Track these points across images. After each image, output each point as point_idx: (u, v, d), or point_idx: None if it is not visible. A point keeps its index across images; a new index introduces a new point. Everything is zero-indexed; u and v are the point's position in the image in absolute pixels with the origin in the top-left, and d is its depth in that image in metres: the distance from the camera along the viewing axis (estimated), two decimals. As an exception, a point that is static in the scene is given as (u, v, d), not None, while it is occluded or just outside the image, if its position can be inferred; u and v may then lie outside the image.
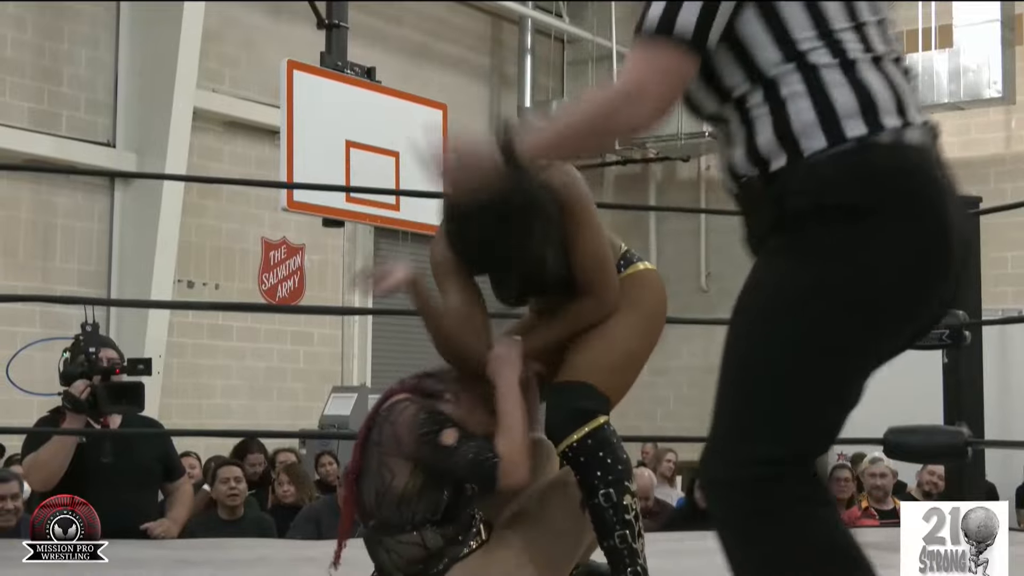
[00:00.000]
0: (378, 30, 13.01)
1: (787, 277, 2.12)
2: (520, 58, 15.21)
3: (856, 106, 2.08)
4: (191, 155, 10.90)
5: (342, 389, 11.52)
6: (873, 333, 2.09)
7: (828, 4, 2.12)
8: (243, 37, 11.92)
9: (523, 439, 3.00)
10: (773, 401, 2.07)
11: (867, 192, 2.06)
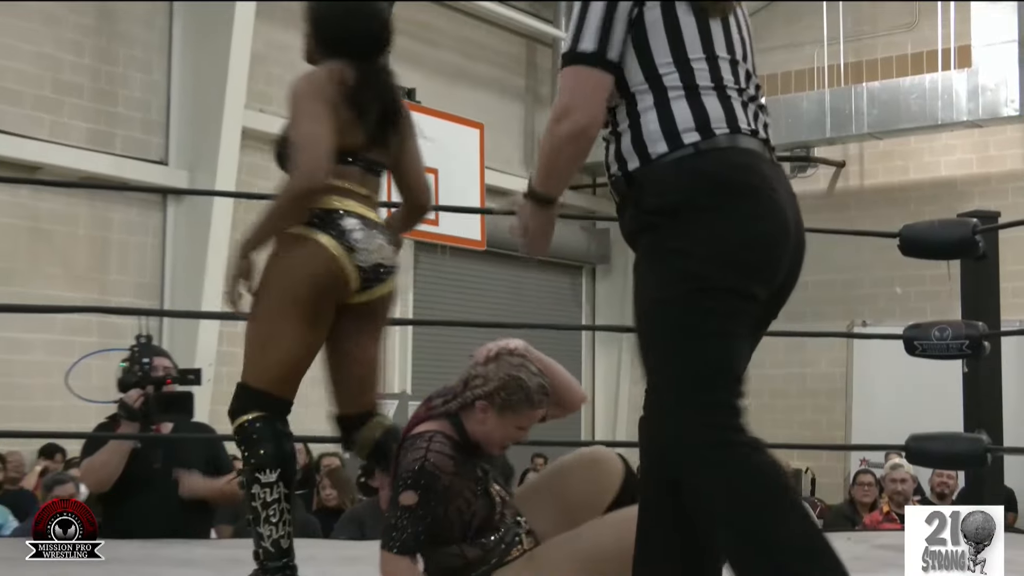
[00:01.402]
0: (417, 53, 13.05)
1: (644, 283, 2.52)
2: (553, 78, 15.21)
3: (692, 121, 2.45)
4: (240, 172, 10.95)
5: (384, 396, 11.53)
6: (711, 303, 2.40)
7: (686, 38, 2.49)
8: (289, 60, 11.93)
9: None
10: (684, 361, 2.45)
11: (692, 188, 2.42)
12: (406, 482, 3.04)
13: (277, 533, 3.14)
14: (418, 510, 3.02)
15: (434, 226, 9.56)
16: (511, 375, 3.11)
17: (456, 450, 3.10)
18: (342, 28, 3.27)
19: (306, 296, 3.09)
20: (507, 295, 14.24)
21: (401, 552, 3.02)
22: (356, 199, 3.18)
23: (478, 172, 9.72)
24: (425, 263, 13.34)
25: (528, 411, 3.13)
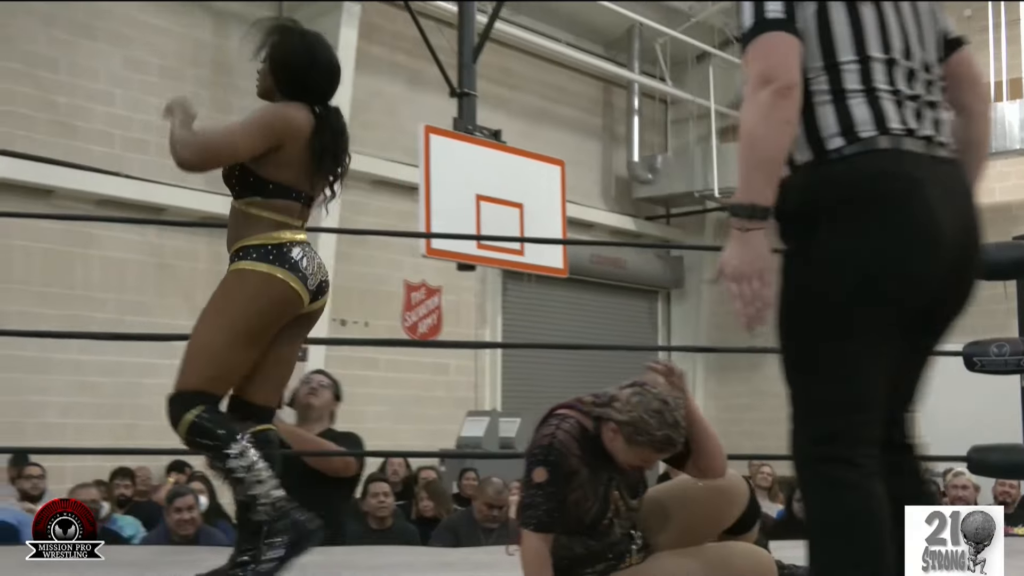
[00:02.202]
0: (503, 97, 13.12)
1: (779, 292, 2.21)
2: (628, 118, 15.21)
3: (836, 126, 2.18)
4: (342, 209, 11.04)
5: (476, 413, 11.57)
6: (831, 322, 2.15)
7: (838, 37, 2.21)
8: (385, 106, 12.11)
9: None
10: (803, 388, 2.23)
11: (830, 196, 2.16)
12: (536, 458, 3.01)
13: (270, 486, 3.15)
14: (549, 486, 2.97)
15: (520, 256, 9.56)
16: (644, 417, 2.97)
17: (585, 441, 3.03)
18: (305, 74, 3.34)
19: (255, 327, 3.18)
20: (589, 319, 14.21)
21: (538, 529, 2.96)
22: (294, 230, 3.28)
23: (560, 206, 9.70)
24: (513, 291, 13.37)
25: (651, 453, 3.03)
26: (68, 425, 9.24)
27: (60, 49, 9.77)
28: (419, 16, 10.42)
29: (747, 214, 2.13)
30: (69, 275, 9.68)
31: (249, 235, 3.24)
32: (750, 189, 2.14)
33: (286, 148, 3.25)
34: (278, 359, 3.34)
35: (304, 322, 3.36)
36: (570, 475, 3.00)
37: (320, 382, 5.03)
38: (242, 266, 3.21)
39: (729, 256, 2.16)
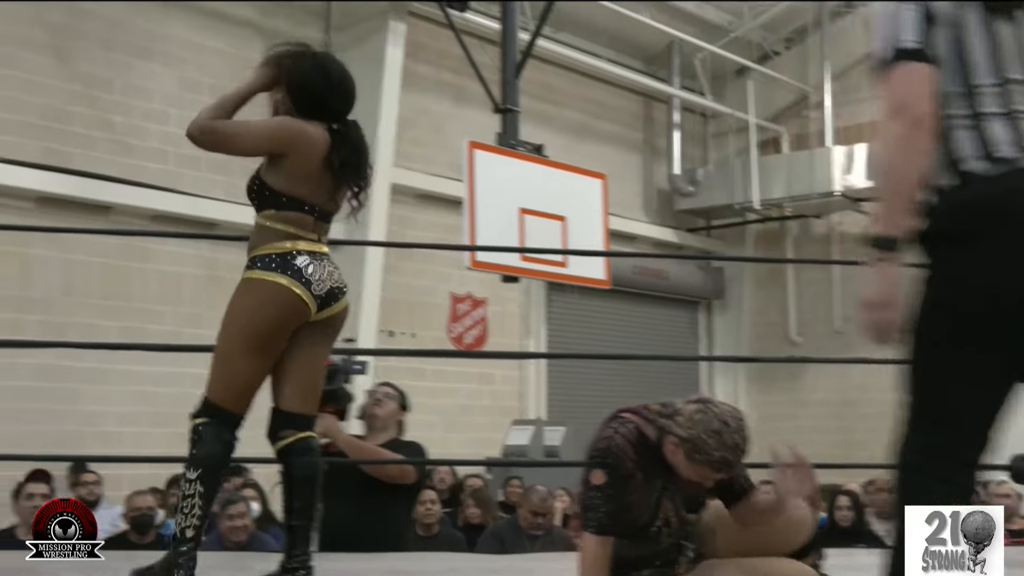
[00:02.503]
0: (545, 112, 13.13)
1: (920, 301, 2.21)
2: (669, 132, 15.17)
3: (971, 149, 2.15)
4: (390, 223, 11.13)
5: (521, 422, 11.55)
6: (947, 342, 2.13)
7: (975, 60, 2.18)
8: (431, 122, 12.15)
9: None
10: (917, 399, 2.20)
11: (973, 217, 2.12)
12: (594, 460, 2.98)
13: (185, 523, 3.25)
14: (608, 488, 2.94)
15: (563, 268, 9.55)
16: (704, 436, 2.89)
17: (643, 448, 2.98)
18: (321, 95, 3.41)
19: (263, 334, 3.25)
20: (631, 330, 14.17)
21: (598, 531, 2.93)
22: (306, 241, 3.32)
23: (602, 218, 9.68)
24: (556, 302, 13.35)
25: (708, 472, 2.95)
26: (125, 434, 9.32)
27: (117, 70, 9.89)
28: (463, 34, 10.45)
29: (884, 245, 2.15)
30: (126, 288, 9.78)
31: (260, 246, 3.31)
32: (887, 220, 2.16)
33: (294, 160, 3.33)
34: (300, 366, 3.37)
35: (323, 329, 3.37)
36: (626, 478, 2.97)
37: (385, 393, 5.05)
38: (248, 275, 3.29)
39: (868, 288, 2.18)
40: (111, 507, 7.44)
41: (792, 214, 15.24)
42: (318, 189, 3.35)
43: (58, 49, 9.54)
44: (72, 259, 9.42)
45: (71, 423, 9.11)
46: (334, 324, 3.41)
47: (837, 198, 14.23)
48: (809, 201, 14.43)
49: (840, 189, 14.14)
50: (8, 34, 9.21)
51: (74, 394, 9.22)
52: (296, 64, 3.46)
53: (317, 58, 3.50)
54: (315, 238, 3.36)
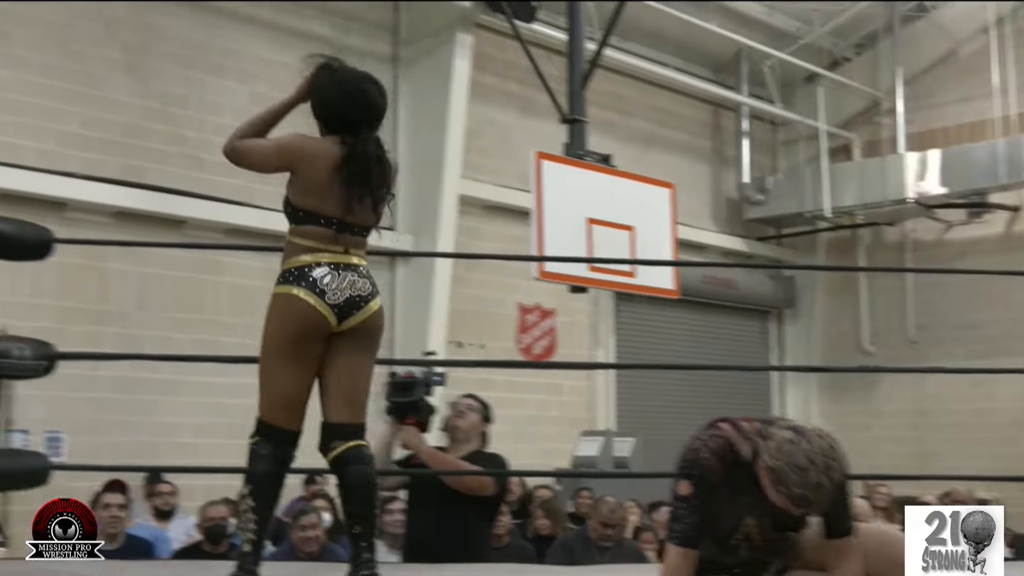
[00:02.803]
0: (612, 122, 13.09)
1: None
2: (738, 140, 15.04)
3: None
4: (458, 235, 11.16)
5: (590, 433, 11.51)
6: None
7: None
8: (498, 134, 12.18)
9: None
10: None
11: None
12: (681, 471, 2.93)
13: (243, 537, 3.41)
14: (693, 500, 2.89)
15: (632, 278, 9.50)
16: (787, 469, 2.77)
17: (734, 464, 2.90)
18: (336, 108, 3.50)
19: (286, 346, 3.36)
20: (701, 340, 14.05)
21: (680, 543, 2.89)
22: (328, 253, 3.39)
23: (670, 228, 9.62)
24: (625, 312, 13.29)
25: (789, 505, 2.83)
26: (200, 445, 9.44)
27: (191, 87, 10.05)
28: (529, 45, 10.47)
29: None
30: (200, 301, 9.92)
31: (284, 261, 3.41)
32: None
33: (301, 176, 3.41)
34: (339, 376, 3.43)
35: (355, 339, 3.43)
36: (713, 490, 2.91)
37: (468, 405, 5.06)
38: (273, 292, 3.41)
39: None
40: (185, 517, 7.54)
41: (864, 222, 15.02)
42: (330, 202, 3.41)
43: (135, 68, 9.73)
44: (147, 272, 9.58)
45: (146, 434, 9.25)
46: (367, 333, 3.45)
47: (910, 205, 14.01)
48: (881, 208, 14.23)
49: (913, 196, 13.91)
50: (89, 55, 9.41)
51: (150, 406, 9.37)
52: (316, 78, 3.55)
53: (335, 71, 3.56)
54: (341, 250, 3.42)
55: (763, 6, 14.36)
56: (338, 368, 3.43)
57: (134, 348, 8.99)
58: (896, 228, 15.10)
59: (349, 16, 11.19)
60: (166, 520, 7.46)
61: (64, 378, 8.59)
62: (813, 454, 2.76)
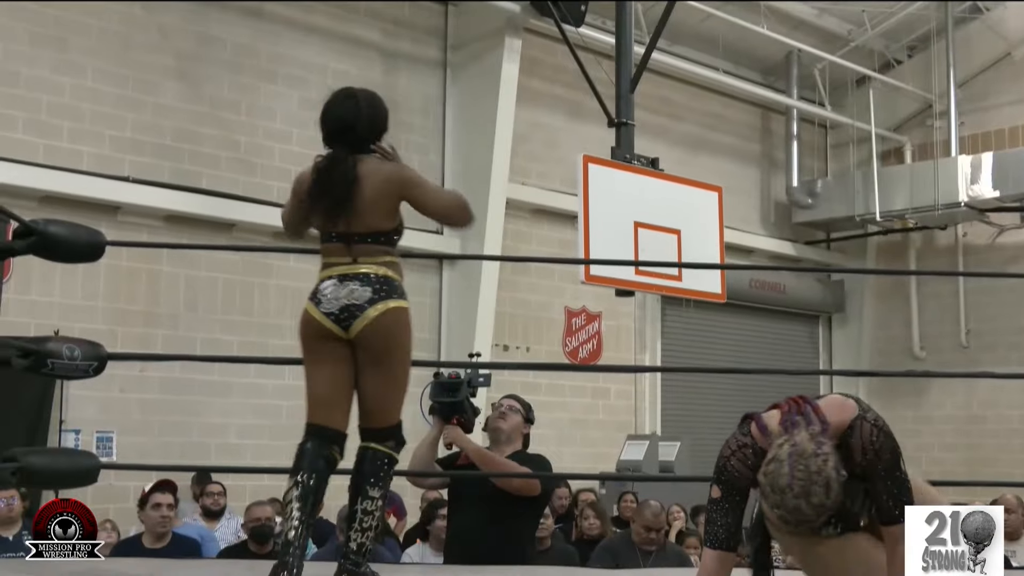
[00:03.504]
0: (660, 125, 13.05)
1: None
2: (787, 143, 14.93)
3: None
4: (505, 238, 11.18)
5: (636, 437, 11.47)
6: None
7: None
8: (546, 137, 12.19)
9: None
10: None
11: None
12: (713, 475, 2.93)
13: (285, 526, 3.53)
14: (724, 502, 2.88)
15: (678, 282, 9.47)
16: (768, 488, 2.71)
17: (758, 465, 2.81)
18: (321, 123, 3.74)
19: (304, 351, 3.65)
20: (748, 344, 13.96)
21: (713, 546, 2.89)
22: (339, 266, 3.61)
23: (717, 231, 9.58)
24: (672, 316, 13.24)
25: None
26: (247, 446, 9.53)
27: (242, 92, 10.15)
28: (577, 49, 10.46)
29: None
30: (249, 303, 10.01)
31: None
32: None
33: (303, 201, 3.67)
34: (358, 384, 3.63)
35: (364, 346, 3.58)
36: (744, 492, 2.89)
37: (510, 406, 5.06)
38: None
39: None
40: (233, 517, 7.61)
41: (915, 225, 14.86)
42: (322, 219, 3.65)
43: (187, 74, 9.84)
44: (197, 275, 9.69)
45: (195, 435, 9.36)
46: (372, 338, 3.57)
47: (962, 209, 13.82)
48: (933, 212, 14.05)
49: (965, 199, 13.73)
50: (143, 61, 9.54)
51: (198, 406, 9.47)
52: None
53: (331, 94, 3.80)
54: (349, 260, 3.61)
55: (813, 8, 14.24)
56: (357, 376, 3.62)
57: (184, 350, 9.11)
58: (947, 232, 14.91)
59: (399, 22, 11.25)
60: (215, 520, 7.52)
61: (115, 379, 8.77)
62: (794, 479, 2.66)
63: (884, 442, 2.82)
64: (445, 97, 11.49)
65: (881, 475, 2.82)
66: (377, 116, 3.73)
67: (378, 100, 3.78)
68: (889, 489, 2.82)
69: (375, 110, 3.72)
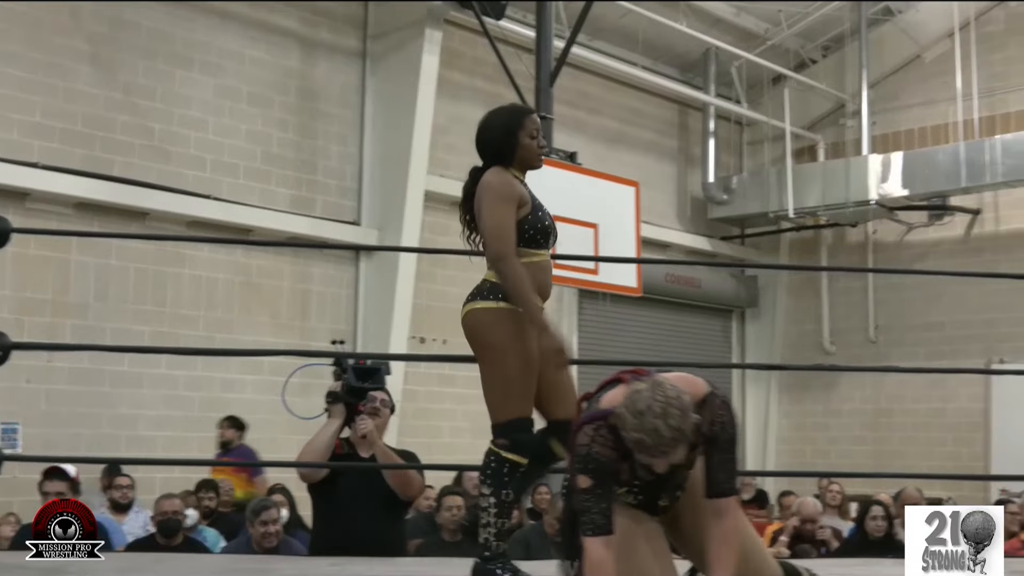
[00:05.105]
0: (579, 120, 13.10)
1: None
2: (704, 140, 15.10)
3: None
4: (423, 230, 11.14)
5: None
6: None
7: None
8: (465, 130, 12.06)
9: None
10: None
11: None
12: (576, 468, 3.01)
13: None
14: (595, 489, 2.96)
15: (595, 275, 9.52)
16: (626, 415, 2.87)
17: (620, 441, 2.95)
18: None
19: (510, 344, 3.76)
20: (663, 338, 14.10)
21: (595, 533, 2.94)
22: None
23: (634, 226, 9.65)
24: (588, 309, 13.31)
25: (637, 454, 2.92)
26: (159, 438, 9.39)
27: (158, 79, 9.97)
28: (498, 42, 10.46)
29: None
30: (161, 293, 9.85)
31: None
32: None
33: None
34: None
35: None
36: (612, 474, 3.00)
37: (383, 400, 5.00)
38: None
39: None
40: (142, 510, 7.49)
41: (827, 223, 15.12)
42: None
43: (100, 58, 9.64)
44: (107, 264, 9.50)
45: (105, 426, 9.19)
46: (466, 334, 3.75)
47: (873, 207, 14.11)
48: (844, 210, 14.31)
49: (876, 198, 14.01)
50: (52, 45, 9.31)
51: (110, 398, 9.29)
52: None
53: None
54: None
55: (731, 7, 14.41)
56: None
57: (94, 340, 8.93)
58: (858, 229, 15.20)
59: (318, 10, 11.14)
60: (123, 513, 7.40)
61: (20, 369, 8.56)
62: (654, 401, 2.84)
63: (730, 419, 3.03)
64: (364, 87, 11.41)
65: (721, 447, 3.02)
66: (483, 136, 3.89)
67: (490, 118, 3.93)
68: (724, 463, 3.03)
69: (483, 131, 3.89)
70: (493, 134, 3.85)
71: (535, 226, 3.75)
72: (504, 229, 3.67)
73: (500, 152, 3.81)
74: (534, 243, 3.75)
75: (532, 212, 3.75)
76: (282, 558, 5.38)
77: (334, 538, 4.74)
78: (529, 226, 3.73)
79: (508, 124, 3.84)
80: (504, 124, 3.84)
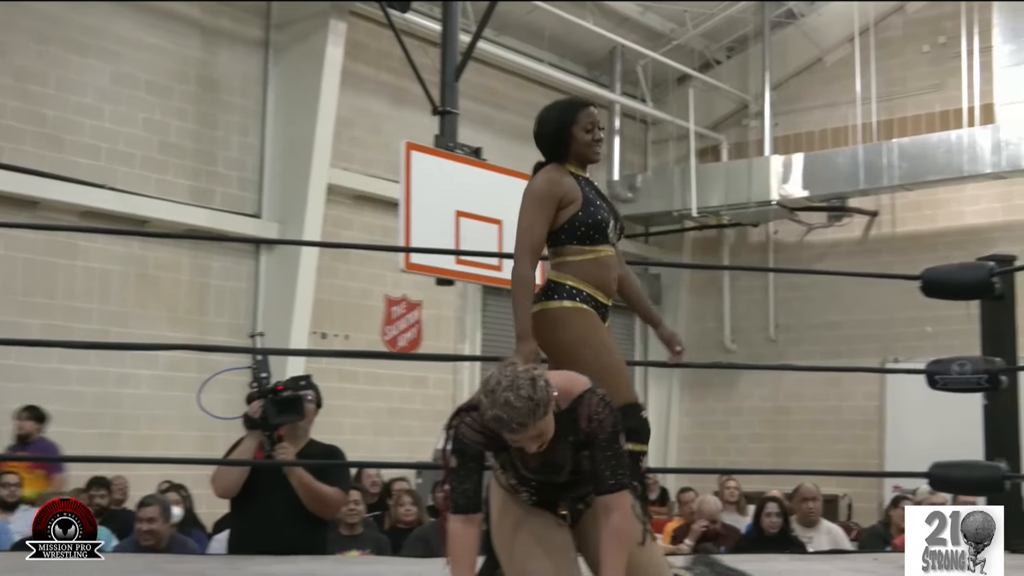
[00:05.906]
0: (484, 115, 13.13)
1: None
2: (609, 138, 15.22)
3: None
4: (325, 224, 11.06)
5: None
6: None
7: None
8: (369, 123, 12.10)
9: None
10: None
11: None
12: (444, 450, 3.13)
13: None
14: (460, 470, 3.05)
15: (499, 272, 9.54)
16: (481, 396, 2.95)
17: (487, 429, 3.01)
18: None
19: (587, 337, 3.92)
20: (567, 334, 14.18)
21: (456, 511, 3.04)
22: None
23: (539, 223, 9.69)
24: (492, 306, 13.35)
25: (501, 433, 2.97)
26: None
27: (51, 64, 9.73)
28: (403, 35, 10.41)
29: None
30: (52, 285, 9.62)
31: None
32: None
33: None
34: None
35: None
36: (477, 458, 3.08)
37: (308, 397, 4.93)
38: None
39: None
40: (29, 509, 7.30)
41: (729, 222, 15.38)
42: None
43: (-11, 41, 9.38)
44: (-3, 254, 9.26)
45: (-7, 422, 8.94)
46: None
47: (774, 207, 14.39)
48: (746, 209, 14.58)
49: (777, 198, 14.29)
50: (-64, 23, 9.04)
51: (-3, 392, 9.05)
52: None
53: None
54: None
55: (637, 6, 14.56)
56: None
57: (-20, 333, 8.67)
58: (760, 229, 15.49)
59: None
60: (10, 512, 7.22)
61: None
62: (502, 377, 2.91)
63: (608, 415, 3.06)
64: (267, 78, 11.28)
65: (602, 444, 3.04)
66: (538, 131, 3.88)
67: (545, 113, 3.90)
68: (608, 460, 3.05)
69: (538, 126, 3.88)
70: (546, 129, 3.81)
71: (586, 222, 3.72)
72: (525, 234, 3.70)
73: (555, 148, 3.79)
74: (588, 239, 3.73)
75: (583, 208, 3.71)
76: (169, 557, 5.30)
77: (254, 550, 4.67)
78: (580, 223, 3.71)
79: (561, 118, 3.80)
80: (557, 119, 3.80)
